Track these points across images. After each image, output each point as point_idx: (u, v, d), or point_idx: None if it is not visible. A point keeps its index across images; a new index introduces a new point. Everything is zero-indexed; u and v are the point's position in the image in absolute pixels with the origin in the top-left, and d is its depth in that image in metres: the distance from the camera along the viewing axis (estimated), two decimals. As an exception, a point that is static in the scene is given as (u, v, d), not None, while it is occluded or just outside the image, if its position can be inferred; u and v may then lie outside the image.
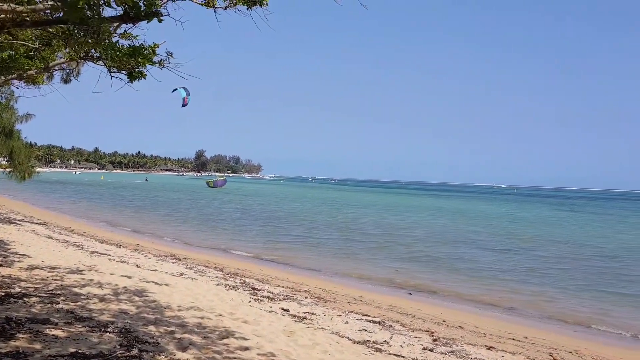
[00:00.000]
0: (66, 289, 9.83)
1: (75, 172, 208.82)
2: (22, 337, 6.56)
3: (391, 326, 10.91)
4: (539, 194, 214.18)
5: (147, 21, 5.42)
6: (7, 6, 5.45)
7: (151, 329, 7.79)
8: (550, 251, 27.77)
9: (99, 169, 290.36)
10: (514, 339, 11.48)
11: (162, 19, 5.38)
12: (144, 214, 40.05)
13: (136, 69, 7.10)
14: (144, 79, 7.21)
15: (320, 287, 15.31)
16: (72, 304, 8.65)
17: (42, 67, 9.34)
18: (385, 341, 9.34)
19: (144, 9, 5.15)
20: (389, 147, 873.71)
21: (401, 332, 10.40)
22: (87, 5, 4.65)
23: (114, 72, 7.51)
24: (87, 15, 4.72)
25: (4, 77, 10.03)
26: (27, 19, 5.90)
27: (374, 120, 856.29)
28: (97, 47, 7.05)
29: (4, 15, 5.57)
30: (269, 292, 13.16)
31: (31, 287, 9.58)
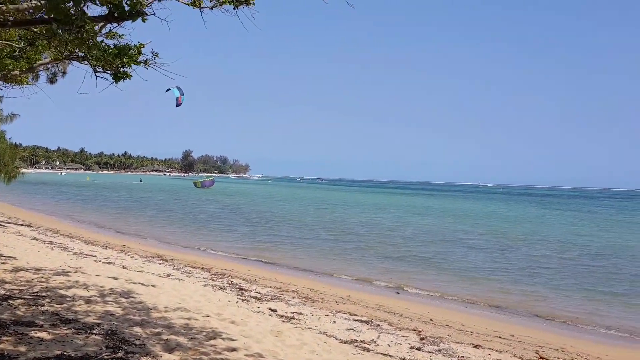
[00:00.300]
0: (51, 291, 9.76)
1: (60, 173, 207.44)
2: (7, 340, 6.49)
3: (379, 325, 10.93)
4: (524, 192, 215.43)
5: (131, 21, 5.39)
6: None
7: (137, 330, 7.75)
8: (537, 250, 27.95)
9: (85, 169, 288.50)
10: (500, 337, 11.54)
11: (146, 19, 5.35)
12: (130, 215, 39.86)
13: (121, 69, 7.06)
14: (129, 79, 7.17)
15: (307, 287, 15.31)
16: (58, 306, 8.59)
17: (26, 68, 9.27)
18: (372, 340, 9.35)
19: (128, 8, 5.12)
20: (375, 147, 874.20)
21: (389, 332, 10.42)
22: (72, 2, 4.61)
23: (99, 72, 7.46)
24: (71, 14, 4.69)
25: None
26: (10, 18, 5.85)
27: (360, 120, 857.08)
28: (82, 47, 7.00)
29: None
30: (257, 292, 13.14)
31: (16, 289, 9.50)
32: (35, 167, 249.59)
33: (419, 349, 9.22)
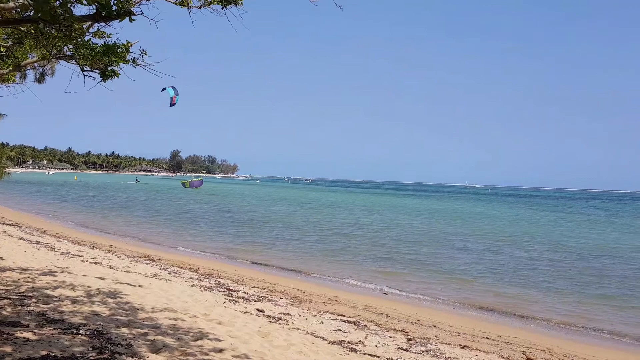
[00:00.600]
0: (38, 291, 9.70)
1: (48, 173, 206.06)
2: (-8, 340, 6.46)
3: (366, 326, 10.94)
4: (512, 193, 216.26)
5: (119, 20, 5.38)
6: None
7: (124, 331, 7.72)
8: (526, 251, 28.05)
9: (73, 169, 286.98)
10: (487, 338, 11.59)
11: (134, 19, 5.34)
12: (118, 215, 39.67)
13: (109, 68, 7.04)
14: (117, 77, 7.14)
15: (295, 288, 15.30)
16: (44, 306, 8.54)
17: (13, 67, 9.21)
18: (360, 341, 9.37)
19: (115, 8, 5.11)
20: (362, 148, 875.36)
21: (376, 332, 10.44)
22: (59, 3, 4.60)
23: (86, 70, 7.43)
24: (58, 13, 4.67)
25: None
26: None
27: (347, 121, 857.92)
28: (69, 45, 6.97)
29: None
30: (244, 292, 13.13)
31: (2, 289, 9.44)
32: (22, 167, 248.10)
33: (406, 350, 9.24)
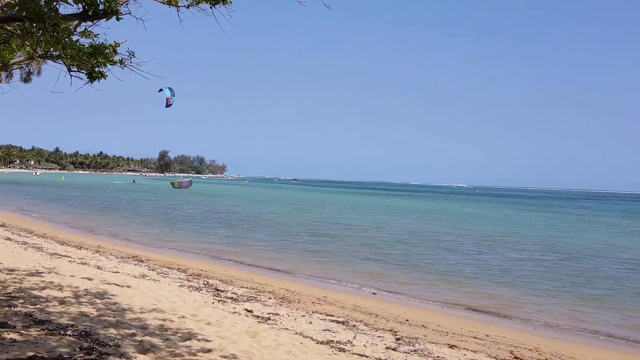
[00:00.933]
0: (25, 292, 9.64)
1: (35, 173, 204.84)
2: (-22, 342, 6.41)
3: (355, 326, 10.96)
4: (500, 194, 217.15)
5: (106, 19, 5.36)
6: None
7: (112, 331, 7.69)
8: (515, 251, 28.14)
9: (60, 169, 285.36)
10: (475, 338, 11.63)
11: (121, 18, 5.32)
12: (106, 215, 39.46)
13: (96, 69, 7.01)
14: (105, 79, 7.11)
15: (284, 288, 15.29)
16: (31, 307, 8.49)
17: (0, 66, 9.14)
18: (348, 341, 9.38)
19: (102, 7, 5.09)
20: (350, 148, 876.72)
21: (365, 332, 10.46)
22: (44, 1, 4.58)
23: (73, 71, 7.39)
24: (43, 12, 4.65)
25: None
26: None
27: (336, 121, 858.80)
28: (57, 46, 6.93)
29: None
30: (233, 293, 13.12)
31: (-12, 290, 9.37)
32: (9, 167, 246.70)
33: (394, 349, 9.27)
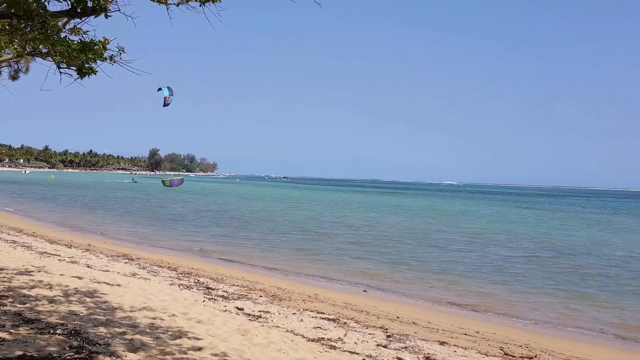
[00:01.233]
0: (14, 291, 9.59)
1: (24, 172, 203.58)
2: (-34, 341, 6.37)
3: (346, 323, 10.96)
4: (490, 191, 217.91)
5: (94, 16, 5.33)
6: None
7: (102, 330, 7.66)
8: (507, 248, 28.22)
9: (50, 168, 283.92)
10: (466, 334, 11.67)
11: (110, 15, 5.30)
12: (96, 214, 39.31)
13: (86, 65, 6.96)
14: (95, 74, 7.07)
15: (275, 286, 15.29)
16: (20, 306, 8.44)
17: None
18: (339, 338, 9.38)
19: (90, 4, 5.06)
20: (340, 146, 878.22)
21: (356, 329, 10.46)
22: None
23: (63, 68, 7.34)
24: (31, 9, 4.61)
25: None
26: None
27: (326, 119, 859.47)
28: (45, 43, 6.89)
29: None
30: (224, 291, 13.09)
31: (-24, 290, 9.31)
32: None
33: (385, 347, 9.27)
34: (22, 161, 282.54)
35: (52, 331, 7.19)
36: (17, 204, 45.10)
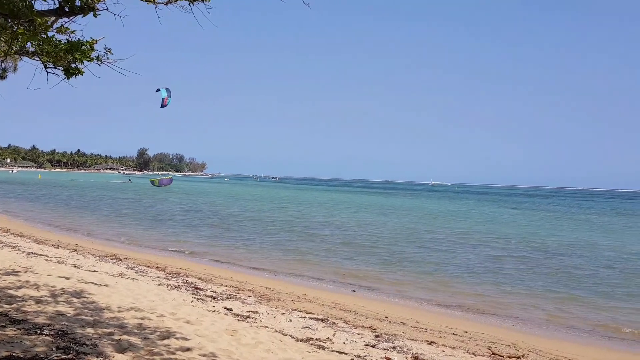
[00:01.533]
0: (0, 291, 9.52)
1: (11, 171, 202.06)
2: (-48, 342, 6.32)
3: (334, 323, 10.97)
4: (478, 191, 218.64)
5: (82, 15, 5.30)
6: None
7: (89, 330, 7.62)
8: (497, 248, 28.31)
9: (37, 167, 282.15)
10: (454, 334, 11.72)
11: (98, 14, 5.27)
12: (84, 214, 39.09)
13: (73, 65, 6.92)
14: (82, 75, 7.04)
15: (264, 286, 15.27)
16: (7, 307, 8.39)
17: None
18: (328, 338, 9.39)
19: (78, 3, 5.03)
20: (328, 145, 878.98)
21: (344, 329, 10.47)
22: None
23: (50, 67, 7.30)
24: (18, 7, 4.58)
25: None
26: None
27: (314, 119, 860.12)
28: (32, 41, 6.84)
29: None
30: (212, 291, 13.06)
31: (-38, 290, 9.24)
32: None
33: (373, 346, 9.29)
34: (9, 161, 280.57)
35: (39, 332, 7.15)
36: (4, 203, 44.76)
